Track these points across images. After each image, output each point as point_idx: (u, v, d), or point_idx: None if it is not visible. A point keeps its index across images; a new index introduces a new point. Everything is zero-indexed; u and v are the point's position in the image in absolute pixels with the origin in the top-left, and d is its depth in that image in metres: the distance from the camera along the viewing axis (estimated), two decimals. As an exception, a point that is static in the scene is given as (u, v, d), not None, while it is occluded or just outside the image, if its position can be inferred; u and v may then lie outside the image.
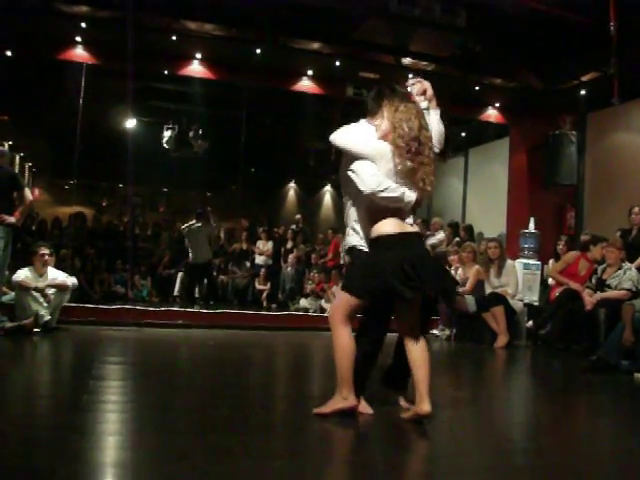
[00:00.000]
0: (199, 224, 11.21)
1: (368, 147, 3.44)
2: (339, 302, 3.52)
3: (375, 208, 3.42)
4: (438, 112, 3.73)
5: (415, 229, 3.53)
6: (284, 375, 5.54)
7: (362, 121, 3.63)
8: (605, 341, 6.20)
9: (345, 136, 3.53)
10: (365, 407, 3.57)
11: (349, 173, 3.46)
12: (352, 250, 3.66)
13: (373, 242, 3.43)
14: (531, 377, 6.49)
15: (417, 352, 3.41)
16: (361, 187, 3.37)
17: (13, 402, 3.60)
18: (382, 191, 3.32)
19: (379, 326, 3.67)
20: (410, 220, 3.53)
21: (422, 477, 2.52)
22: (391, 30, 9.27)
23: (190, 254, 11.22)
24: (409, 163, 3.36)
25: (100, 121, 12.51)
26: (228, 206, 14.82)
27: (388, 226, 3.37)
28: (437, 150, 3.67)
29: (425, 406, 3.30)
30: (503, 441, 3.27)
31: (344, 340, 3.43)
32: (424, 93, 3.77)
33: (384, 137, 3.44)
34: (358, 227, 3.60)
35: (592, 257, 7.70)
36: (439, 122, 3.75)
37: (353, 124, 3.61)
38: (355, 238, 3.62)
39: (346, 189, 3.63)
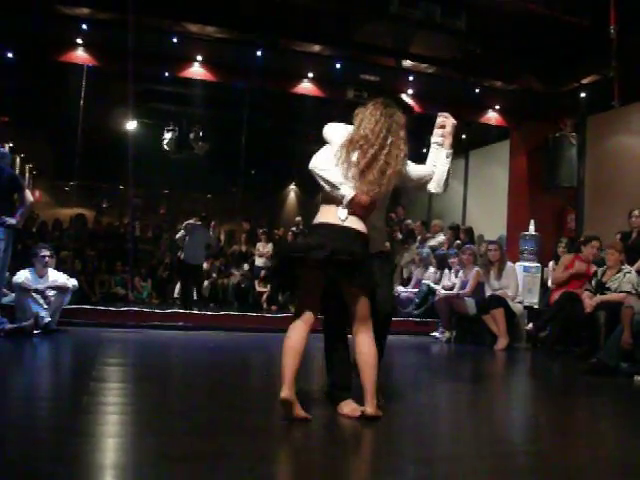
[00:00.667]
0: (198, 223, 11.05)
1: (332, 130, 3.58)
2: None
3: (323, 194, 3.48)
4: (449, 153, 3.73)
5: (346, 224, 3.36)
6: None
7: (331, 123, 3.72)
8: (605, 344, 6.20)
9: (328, 128, 3.65)
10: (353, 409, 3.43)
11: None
12: None
13: (309, 229, 3.55)
14: (531, 379, 6.48)
15: (366, 349, 3.31)
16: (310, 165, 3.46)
17: (13, 404, 3.60)
18: (320, 170, 3.40)
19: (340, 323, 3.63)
20: (344, 213, 3.36)
21: (421, 480, 2.52)
22: (392, 32, 9.29)
23: (183, 252, 11.00)
24: (353, 157, 3.39)
25: (101, 123, 12.52)
26: (228, 208, 14.85)
27: (322, 215, 3.43)
28: (434, 190, 3.70)
29: (369, 409, 3.26)
30: (503, 443, 3.27)
31: (287, 335, 3.39)
32: (443, 127, 3.81)
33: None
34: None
35: (585, 257, 7.74)
36: (446, 162, 3.73)
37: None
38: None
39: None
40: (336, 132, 3.57)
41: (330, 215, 3.38)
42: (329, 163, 3.42)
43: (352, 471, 2.63)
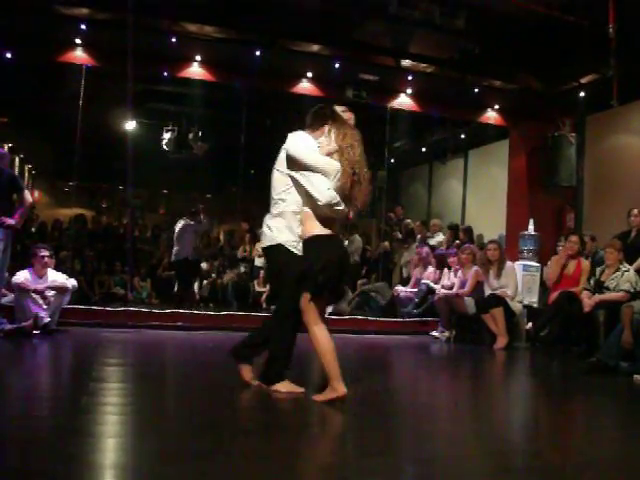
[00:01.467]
0: (191, 222, 11.34)
1: (323, 162, 3.81)
2: (302, 304, 3.76)
3: (315, 214, 3.78)
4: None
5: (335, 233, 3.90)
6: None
7: (301, 132, 4.00)
8: (604, 343, 6.21)
9: (302, 148, 3.87)
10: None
11: (300, 179, 3.82)
12: (280, 248, 3.95)
13: (309, 241, 3.79)
14: (530, 379, 6.49)
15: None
16: (318, 198, 3.73)
17: (12, 404, 3.60)
18: (336, 204, 3.74)
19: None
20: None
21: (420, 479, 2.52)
22: (390, 32, 9.27)
23: (174, 249, 11.32)
24: (348, 183, 3.78)
25: (100, 123, 12.50)
26: (228, 208, 14.84)
27: (319, 229, 3.78)
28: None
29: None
30: (501, 443, 3.27)
31: (320, 335, 3.72)
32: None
33: (328, 156, 3.82)
34: (296, 226, 3.91)
35: (568, 253, 7.86)
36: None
37: (297, 134, 3.98)
38: (288, 236, 3.93)
39: (283, 187, 3.97)
40: (317, 156, 3.84)
41: (322, 228, 3.78)
42: (332, 192, 3.75)
43: (350, 470, 2.63)
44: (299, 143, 3.90)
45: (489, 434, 3.49)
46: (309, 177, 3.79)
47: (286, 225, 3.93)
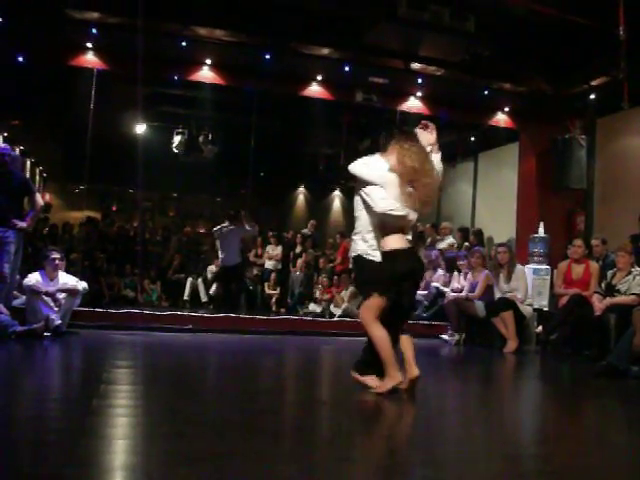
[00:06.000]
0: (231, 227, 10.85)
1: (376, 175, 4.25)
2: (368, 304, 4.21)
3: (384, 224, 4.24)
4: (439, 155, 4.52)
5: (411, 245, 4.38)
6: (293, 380, 5.54)
7: (376, 155, 4.40)
8: (615, 346, 6.17)
9: (359, 166, 4.32)
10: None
11: (363, 195, 4.28)
12: (360, 257, 4.34)
13: (386, 254, 4.21)
14: (540, 382, 6.46)
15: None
16: (373, 206, 4.19)
17: (23, 405, 3.62)
18: (391, 211, 4.15)
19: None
20: (409, 236, 4.37)
21: (430, 482, 2.52)
22: (400, 35, 9.28)
23: (220, 256, 10.98)
24: (409, 189, 4.17)
25: (110, 126, 12.58)
26: (237, 211, 14.88)
27: (396, 242, 4.20)
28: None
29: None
30: (511, 446, 3.26)
31: (379, 333, 4.15)
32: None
33: (393, 169, 4.22)
34: (369, 237, 4.30)
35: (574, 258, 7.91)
36: (439, 162, 4.52)
37: (369, 157, 4.39)
38: (363, 246, 4.32)
39: (358, 206, 4.39)
40: (372, 171, 4.27)
41: (400, 241, 4.21)
42: (389, 200, 4.16)
43: (360, 473, 2.63)
44: (356, 161, 4.35)
45: (499, 437, 3.48)
46: (367, 190, 4.24)
47: (361, 238, 4.35)
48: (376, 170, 4.27)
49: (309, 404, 4.08)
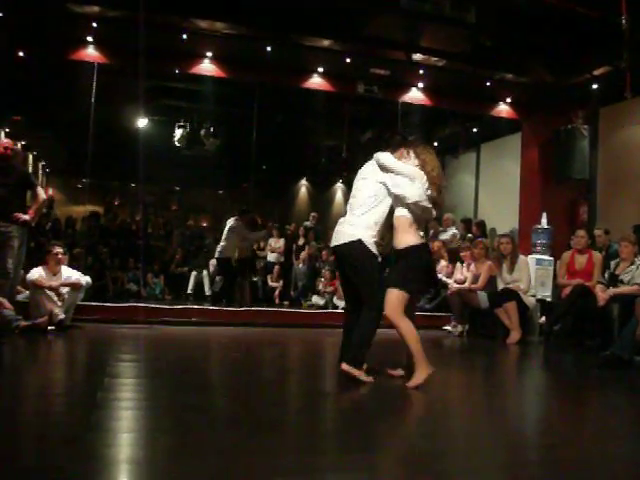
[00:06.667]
0: (240, 222, 10.64)
1: (409, 169, 4.44)
2: (394, 300, 4.29)
3: (406, 218, 4.38)
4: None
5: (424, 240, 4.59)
6: (297, 372, 5.55)
7: (387, 153, 4.60)
8: (618, 336, 6.17)
9: (392, 158, 4.54)
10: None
11: (390, 186, 4.43)
12: (359, 242, 4.44)
13: (403, 251, 4.39)
14: (544, 373, 6.46)
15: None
16: (405, 196, 4.34)
17: (28, 400, 3.63)
18: (421, 202, 4.34)
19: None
20: (421, 232, 4.51)
21: (433, 474, 2.52)
22: (401, 26, 9.25)
23: (221, 244, 10.62)
24: (435, 194, 4.41)
25: (112, 120, 12.58)
26: (240, 204, 14.89)
27: (414, 238, 4.38)
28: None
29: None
30: (515, 437, 3.27)
31: (409, 328, 4.28)
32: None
33: (421, 168, 4.44)
34: (375, 228, 4.48)
35: (577, 249, 7.87)
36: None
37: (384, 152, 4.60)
38: (366, 233, 4.45)
39: (369, 195, 4.54)
40: (403, 164, 4.51)
41: (418, 236, 4.42)
42: (420, 192, 4.36)
43: (366, 465, 2.64)
44: (388, 155, 4.56)
45: (503, 428, 3.49)
46: (397, 181, 4.39)
47: (366, 225, 4.47)
48: (406, 165, 4.47)
49: (313, 396, 4.08)
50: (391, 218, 4.51)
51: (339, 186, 18.18)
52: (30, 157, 14.71)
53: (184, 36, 9.27)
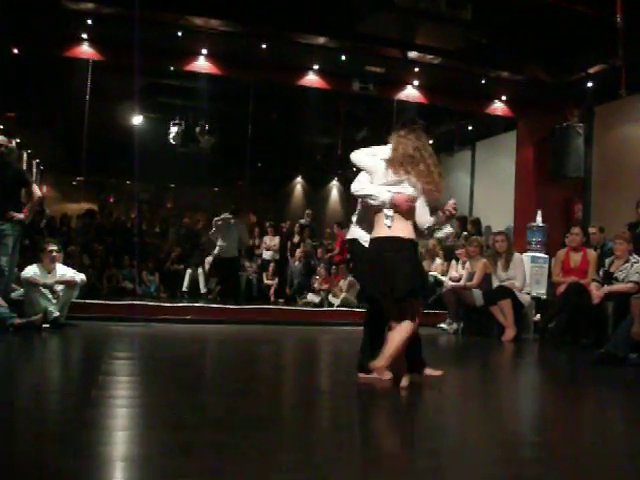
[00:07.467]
0: (234, 220, 10.89)
1: (367, 163, 4.29)
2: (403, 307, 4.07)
3: (371, 209, 4.18)
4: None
5: (396, 234, 4.08)
6: (292, 369, 5.55)
7: (355, 151, 4.41)
8: (613, 334, 6.19)
9: (358, 154, 4.36)
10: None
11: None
12: (354, 242, 4.44)
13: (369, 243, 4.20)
14: (538, 370, 6.48)
15: (410, 334, 4.07)
16: (352, 188, 4.27)
17: (23, 397, 3.62)
18: (357, 191, 4.21)
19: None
20: (409, 223, 4.15)
21: (428, 470, 2.52)
22: (396, 23, 9.22)
23: (217, 247, 10.92)
24: (402, 173, 4.09)
25: (107, 117, 12.54)
26: (235, 201, 14.88)
27: (375, 230, 4.13)
28: (425, 231, 4.54)
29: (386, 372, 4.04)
30: (510, 434, 3.27)
31: (409, 330, 4.06)
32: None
33: (386, 157, 4.19)
34: (362, 224, 4.39)
35: (571, 246, 7.92)
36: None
37: (379, 147, 4.34)
38: (359, 232, 4.40)
39: None
40: (363, 158, 4.31)
41: (381, 229, 4.10)
42: (363, 184, 4.20)
43: (361, 462, 2.64)
44: (354, 153, 4.37)
45: (497, 425, 3.49)
46: (358, 176, 4.32)
47: (360, 224, 4.43)
48: (372, 158, 4.27)
49: (309, 394, 4.08)
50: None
51: (334, 184, 18.19)
52: (24, 154, 14.66)
53: (179, 33, 9.24)
